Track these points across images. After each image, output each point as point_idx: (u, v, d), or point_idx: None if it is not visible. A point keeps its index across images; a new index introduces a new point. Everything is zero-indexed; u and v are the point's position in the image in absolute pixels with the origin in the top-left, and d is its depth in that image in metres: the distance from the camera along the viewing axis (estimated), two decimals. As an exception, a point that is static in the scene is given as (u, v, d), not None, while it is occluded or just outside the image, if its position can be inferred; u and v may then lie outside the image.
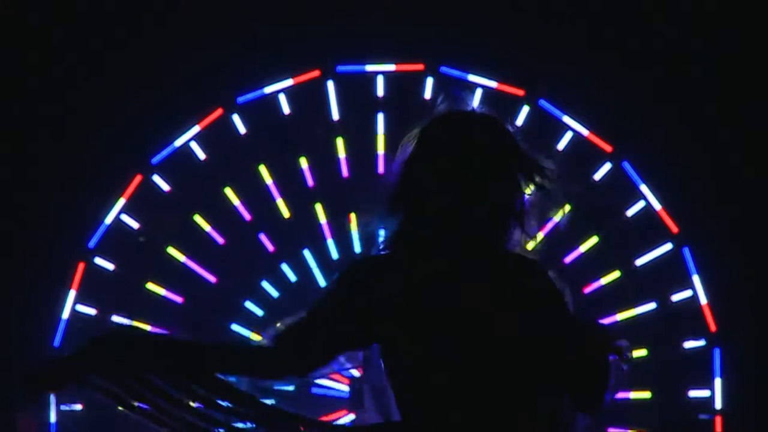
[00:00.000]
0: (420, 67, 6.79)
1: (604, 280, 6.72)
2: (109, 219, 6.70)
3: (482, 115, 2.90)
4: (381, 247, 2.87)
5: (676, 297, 6.70)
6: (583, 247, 6.74)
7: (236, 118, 6.79)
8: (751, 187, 6.68)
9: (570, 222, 3.19)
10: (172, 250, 6.77)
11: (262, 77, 6.77)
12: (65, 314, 6.63)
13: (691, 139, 6.68)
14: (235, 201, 6.80)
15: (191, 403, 2.85)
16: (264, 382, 2.89)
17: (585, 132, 6.76)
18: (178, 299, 6.75)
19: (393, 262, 2.83)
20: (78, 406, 6.65)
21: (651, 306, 6.70)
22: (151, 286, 6.73)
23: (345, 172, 6.82)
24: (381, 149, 6.78)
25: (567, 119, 6.76)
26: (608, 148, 6.77)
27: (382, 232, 2.90)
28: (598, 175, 6.77)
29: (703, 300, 6.65)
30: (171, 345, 2.87)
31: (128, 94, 6.65)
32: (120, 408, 2.81)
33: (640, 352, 6.68)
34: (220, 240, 6.78)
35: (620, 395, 6.68)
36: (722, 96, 6.65)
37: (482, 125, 2.87)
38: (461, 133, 2.84)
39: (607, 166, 6.77)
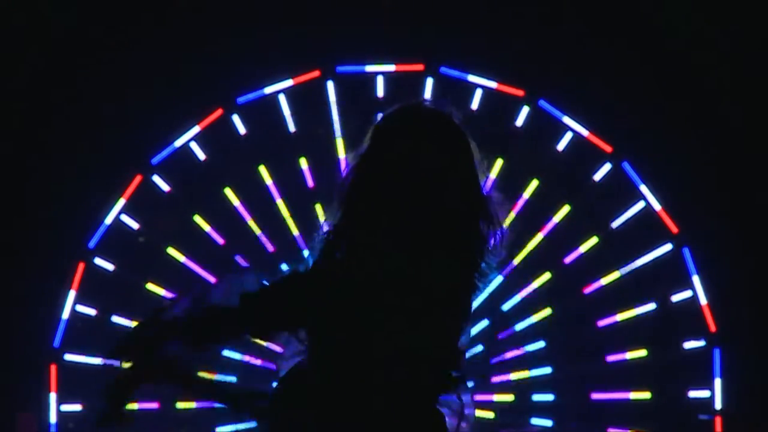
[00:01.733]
0: (420, 67, 6.79)
1: (604, 280, 6.72)
2: (109, 219, 6.70)
3: (432, 110, 2.87)
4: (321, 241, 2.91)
5: (676, 297, 6.70)
6: (583, 247, 6.74)
7: (236, 118, 6.79)
8: (752, 187, 6.68)
9: (570, 222, 3.17)
10: (172, 250, 6.77)
11: (262, 77, 6.77)
12: (65, 314, 6.64)
13: (691, 139, 6.68)
14: (235, 201, 6.80)
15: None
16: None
17: (585, 132, 6.76)
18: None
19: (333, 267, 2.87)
20: (78, 406, 6.66)
21: (651, 306, 6.70)
22: (151, 286, 6.74)
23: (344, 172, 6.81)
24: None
25: (567, 119, 6.76)
26: (608, 148, 6.77)
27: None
28: (598, 175, 6.77)
29: (703, 300, 6.65)
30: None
31: (128, 94, 6.66)
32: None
33: (640, 352, 6.68)
34: (220, 240, 6.79)
35: (620, 395, 6.69)
36: (722, 96, 6.65)
37: (432, 121, 2.85)
38: (411, 131, 2.82)
39: (607, 166, 6.77)
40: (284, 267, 6.82)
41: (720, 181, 6.69)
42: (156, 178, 6.76)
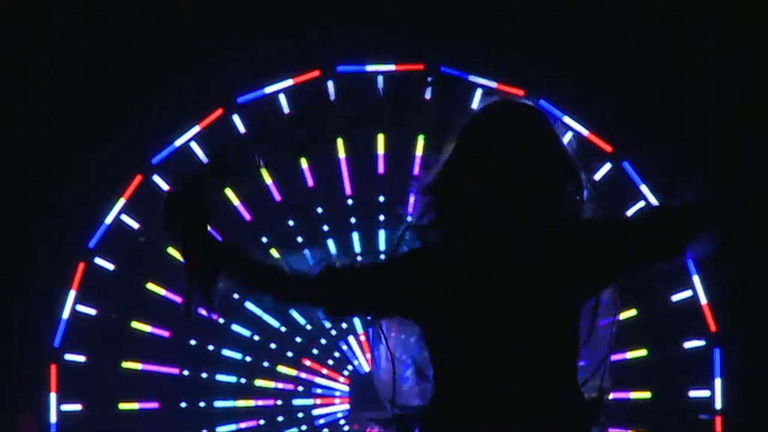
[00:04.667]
0: (420, 67, 6.79)
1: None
2: (109, 219, 6.70)
3: (526, 104, 3.00)
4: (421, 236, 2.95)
5: (676, 297, 6.70)
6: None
7: (236, 118, 6.79)
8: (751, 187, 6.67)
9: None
10: (172, 250, 6.77)
11: (262, 77, 6.77)
12: (65, 314, 6.63)
13: (691, 139, 6.68)
14: (235, 201, 6.80)
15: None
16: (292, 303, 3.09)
17: (585, 132, 6.76)
18: (178, 299, 6.74)
19: (445, 251, 2.91)
20: (78, 406, 6.66)
21: (651, 306, 6.69)
22: (151, 286, 6.74)
23: (345, 172, 6.82)
24: (381, 149, 6.78)
25: (567, 119, 6.76)
26: (608, 148, 6.77)
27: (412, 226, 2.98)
28: (598, 175, 6.78)
29: (703, 300, 6.65)
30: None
31: (128, 94, 6.66)
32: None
33: (640, 352, 6.68)
34: (221, 240, 6.77)
35: (620, 395, 6.68)
36: (722, 96, 6.65)
37: (529, 113, 2.96)
38: (509, 121, 2.91)
39: (607, 166, 6.77)
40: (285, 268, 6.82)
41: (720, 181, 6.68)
42: (156, 178, 6.76)
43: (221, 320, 6.80)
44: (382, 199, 6.79)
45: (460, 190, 2.90)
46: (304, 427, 6.82)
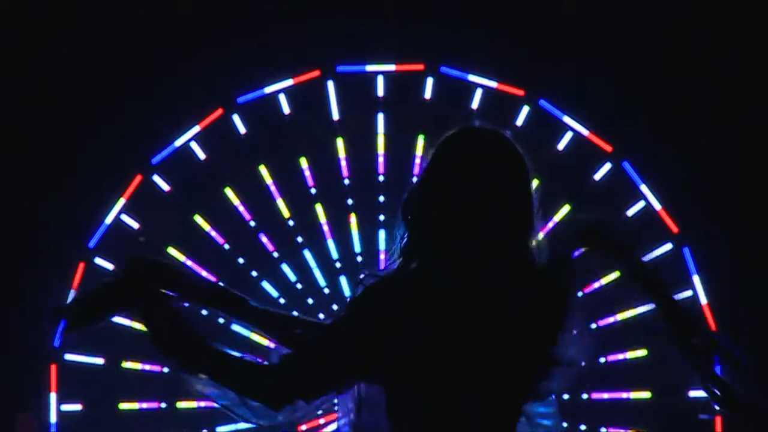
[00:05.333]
0: (420, 67, 6.79)
1: (605, 280, 6.72)
2: (109, 219, 6.70)
3: (494, 130, 2.92)
4: (393, 260, 2.88)
5: (676, 297, 6.67)
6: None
7: (236, 118, 6.79)
8: (751, 187, 6.68)
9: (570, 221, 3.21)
10: (172, 250, 6.78)
11: (262, 77, 6.77)
12: (65, 314, 6.62)
13: (691, 139, 6.68)
14: (235, 201, 6.80)
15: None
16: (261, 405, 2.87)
17: (585, 132, 6.76)
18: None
19: (405, 282, 2.82)
20: (78, 406, 6.66)
21: (651, 306, 6.69)
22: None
23: (345, 172, 6.82)
24: (381, 149, 6.79)
25: (567, 119, 6.76)
26: (608, 148, 6.77)
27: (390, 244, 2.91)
28: (598, 175, 6.78)
29: (703, 300, 6.65)
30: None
31: (128, 93, 6.66)
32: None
33: (640, 352, 6.68)
34: (220, 240, 6.79)
35: (620, 395, 6.69)
36: (722, 95, 6.65)
37: (496, 140, 2.88)
38: (478, 148, 2.85)
39: (607, 166, 6.77)
40: (285, 267, 6.83)
41: (720, 181, 6.69)
42: (156, 178, 6.76)
43: (221, 320, 6.81)
44: (382, 199, 6.79)
45: (433, 219, 2.82)
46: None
